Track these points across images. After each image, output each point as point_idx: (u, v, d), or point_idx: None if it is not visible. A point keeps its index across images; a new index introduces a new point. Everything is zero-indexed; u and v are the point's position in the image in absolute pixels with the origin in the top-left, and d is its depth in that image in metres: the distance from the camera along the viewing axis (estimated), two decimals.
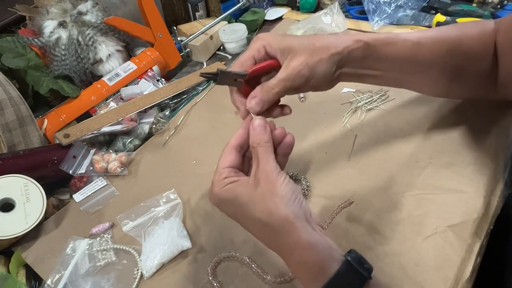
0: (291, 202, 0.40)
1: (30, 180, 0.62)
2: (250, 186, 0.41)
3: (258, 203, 0.40)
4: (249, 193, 0.41)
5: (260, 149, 0.43)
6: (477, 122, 0.63)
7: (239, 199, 0.41)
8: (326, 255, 0.38)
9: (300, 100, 0.76)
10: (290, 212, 0.39)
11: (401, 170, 0.59)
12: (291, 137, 0.46)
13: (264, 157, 0.42)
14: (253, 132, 0.44)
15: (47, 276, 0.54)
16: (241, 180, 0.43)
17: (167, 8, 1.05)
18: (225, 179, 0.43)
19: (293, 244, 0.39)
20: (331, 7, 0.94)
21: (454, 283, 0.46)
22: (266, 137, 0.43)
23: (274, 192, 0.40)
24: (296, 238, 0.38)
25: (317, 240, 0.39)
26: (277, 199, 0.39)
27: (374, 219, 0.54)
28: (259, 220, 0.40)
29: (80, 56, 0.83)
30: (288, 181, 0.41)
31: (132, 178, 0.69)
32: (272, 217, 0.39)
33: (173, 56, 0.93)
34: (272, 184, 0.40)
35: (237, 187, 0.42)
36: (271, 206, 0.39)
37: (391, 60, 0.52)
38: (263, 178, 0.41)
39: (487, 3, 0.89)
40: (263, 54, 0.49)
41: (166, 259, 0.54)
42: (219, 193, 0.43)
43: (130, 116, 0.76)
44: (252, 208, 0.41)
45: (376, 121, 0.68)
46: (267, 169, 0.41)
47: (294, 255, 0.39)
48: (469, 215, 0.52)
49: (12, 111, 0.68)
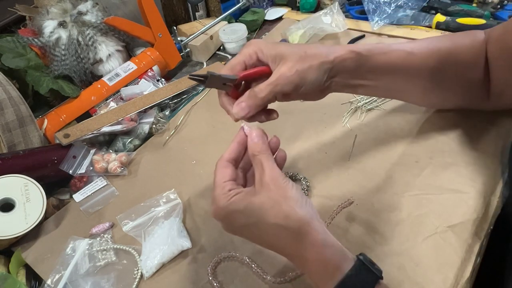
0: (304, 204, 0.41)
1: (30, 180, 0.62)
2: (258, 194, 0.41)
3: (271, 209, 0.40)
4: (260, 200, 0.41)
5: (263, 156, 0.43)
6: (477, 122, 0.63)
7: (250, 208, 0.41)
8: (341, 254, 0.40)
9: (300, 100, 0.76)
10: (306, 213, 0.40)
11: (401, 170, 0.59)
12: (283, 152, 0.48)
13: (269, 164, 0.42)
14: (252, 142, 0.44)
15: (47, 276, 0.54)
16: (245, 191, 0.43)
17: (167, 8, 1.05)
18: (230, 191, 0.42)
19: (311, 244, 0.40)
20: (331, 7, 0.94)
21: (454, 283, 0.46)
22: (266, 146, 0.44)
23: (287, 196, 0.40)
24: (314, 237, 0.40)
25: (332, 239, 0.41)
26: (291, 202, 0.40)
27: (374, 219, 0.54)
28: (275, 225, 0.40)
29: (80, 56, 0.83)
30: (297, 186, 0.42)
31: (132, 178, 0.69)
32: (289, 219, 0.40)
33: (173, 56, 0.93)
34: (283, 189, 0.41)
35: (245, 197, 0.42)
36: (287, 209, 0.40)
37: (384, 70, 0.52)
38: (273, 184, 0.41)
39: (487, 3, 0.89)
40: (255, 60, 0.49)
41: (166, 259, 0.54)
42: (227, 205, 0.42)
43: (130, 116, 0.76)
44: (265, 215, 0.40)
45: (376, 121, 0.68)
46: (274, 174, 0.41)
47: (312, 254, 0.40)
48: (469, 215, 0.52)
49: (12, 111, 0.68)
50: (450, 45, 0.54)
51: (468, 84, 0.56)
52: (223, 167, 0.45)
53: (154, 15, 0.88)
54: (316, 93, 0.51)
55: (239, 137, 0.46)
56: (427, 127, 0.64)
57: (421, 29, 0.90)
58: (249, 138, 0.45)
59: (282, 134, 0.69)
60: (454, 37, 0.57)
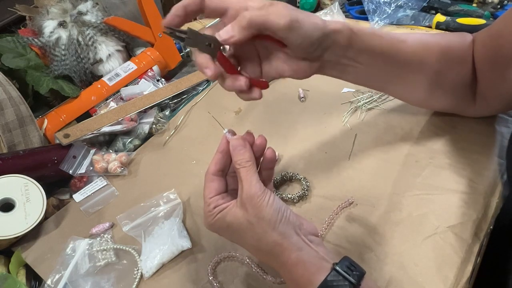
0: (278, 224, 0.41)
1: (30, 180, 0.62)
2: (238, 213, 0.42)
3: (247, 230, 0.41)
4: (238, 220, 0.42)
5: (242, 170, 0.42)
6: (477, 123, 0.63)
7: (231, 227, 0.43)
8: (314, 268, 0.39)
9: (300, 100, 0.76)
10: (278, 235, 0.40)
11: (401, 170, 0.59)
12: (272, 151, 0.45)
13: (247, 179, 0.41)
14: (232, 153, 0.43)
15: (47, 276, 0.54)
16: (229, 206, 0.43)
17: (167, 8, 1.04)
18: (214, 209, 0.43)
19: (283, 264, 0.41)
20: (331, 7, 0.94)
21: (454, 283, 0.46)
22: (247, 155, 0.43)
23: (260, 217, 0.40)
24: (285, 258, 0.40)
25: (306, 254, 0.40)
26: (264, 224, 0.40)
27: (374, 219, 0.54)
28: (251, 246, 0.43)
29: (80, 56, 0.83)
30: (273, 201, 0.41)
31: (132, 178, 0.69)
32: (261, 242, 0.41)
33: (173, 56, 0.93)
34: (258, 209, 0.40)
35: (226, 216, 0.42)
36: (259, 232, 0.41)
37: (374, 54, 0.51)
38: (248, 203, 0.41)
39: (487, 3, 0.89)
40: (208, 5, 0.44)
41: (166, 259, 0.54)
42: (213, 224, 0.44)
43: (130, 116, 0.76)
44: (243, 235, 0.42)
45: (376, 121, 0.68)
46: (250, 193, 0.41)
47: (285, 272, 0.42)
48: (469, 215, 0.52)
49: (12, 111, 0.68)
50: (441, 41, 0.55)
51: (457, 82, 0.56)
52: (209, 181, 0.45)
53: (154, 15, 0.88)
54: (305, 59, 0.47)
55: (222, 146, 0.45)
56: (427, 128, 0.64)
57: (421, 29, 0.90)
58: (230, 148, 0.44)
59: (281, 134, 0.69)
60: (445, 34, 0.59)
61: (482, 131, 0.62)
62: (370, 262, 0.49)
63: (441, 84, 0.56)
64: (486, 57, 0.54)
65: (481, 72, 0.55)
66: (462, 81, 0.56)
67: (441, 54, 0.54)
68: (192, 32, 0.42)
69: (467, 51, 0.55)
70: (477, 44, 0.55)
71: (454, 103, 0.60)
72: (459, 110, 0.62)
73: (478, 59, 0.55)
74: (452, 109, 0.63)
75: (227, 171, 0.47)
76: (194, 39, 0.42)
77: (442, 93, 0.58)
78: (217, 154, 0.45)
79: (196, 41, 0.43)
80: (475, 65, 0.55)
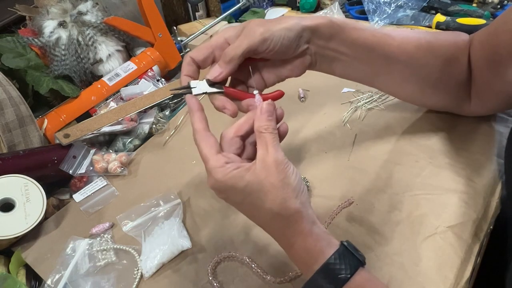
0: (300, 193, 0.41)
1: (30, 180, 0.62)
2: (260, 174, 0.40)
3: (269, 193, 0.40)
4: (260, 181, 0.40)
5: (269, 135, 0.41)
6: (476, 123, 0.63)
7: (249, 187, 0.40)
8: (327, 241, 0.41)
9: (300, 100, 0.76)
10: (299, 203, 0.40)
11: (401, 170, 0.59)
12: (286, 126, 0.46)
13: (274, 145, 0.41)
14: (260, 116, 0.43)
15: (47, 276, 0.54)
16: (247, 166, 0.41)
17: (167, 8, 1.05)
18: (227, 165, 0.41)
19: (298, 232, 0.41)
20: (331, 7, 0.94)
21: (454, 283, 0.46)
22: (274, 124, 0.43)
23: (286, 182, 0.40)
24: (302, 226, 0.41)
25: (318, 228, 0.41)
26: (289, 190, 0.40)
27: (374, 219, 0.54)
28: (269, 210, 0.40)
29: (80, 56, 0.83)
30: (297, 171, 0.42)
31: (132, 178, 0.69)
32: (284, 207, 0.40)
33: (173, 56, 0.93)
34: (284, 174, 0.40)
35: (245, 175, 0.40)
36: (284, 197, 0.40)
37: (358, 46, 0.51)
38: (275, 167, 0.40)
39: (487, 3, 0.89)
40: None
41: (166, 259, 0.54)
42: (225, 180, 0.41)
43: (130, 116, 0.76)
44: (263, 198, 0.40)
45: (376, 121, 0.68)
46: (278, 157, 0.40)
47: (298, 241, 0.41)
48: (469, 215, 0.52)
49: (12, 111, 0.68)
50: (431, 38, 0.55)
51: (449, 81, 0.56)
52: (205, 137, 0.44)
53: (154, 15, 0.88)
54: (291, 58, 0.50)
55: (196, 104, 0.46)
56: (427, 128, 0.64)
57: (421, 29, 0.90)
58: (258, 110, 0.43)
59: None
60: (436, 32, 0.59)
61: (482, 131, 0.62)
62: (370, 262, 0.49)
63: (430, 81, 0.56)
64: (483, 56, 0.54)
65: (477, 71, 0.55)
66: (455, 79, 0.56)
67: (429, 51, 0.54)
68: (195, 83, 0.47)
69: (460, 49, 0.55)
70: (475, 43, 0.55)
71: (448, 102, 0.60)
72: (453, 109, 0.62)
73: (475, 58, 0.55)
74: (445, 107, 0.63)
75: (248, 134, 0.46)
76: (199, 86, 0.47)
77: (433, 91, 0.58)
78: (199, 112, 0.46)
79: (201, 88, 0.47)
80: (472, 64, 0.55)
